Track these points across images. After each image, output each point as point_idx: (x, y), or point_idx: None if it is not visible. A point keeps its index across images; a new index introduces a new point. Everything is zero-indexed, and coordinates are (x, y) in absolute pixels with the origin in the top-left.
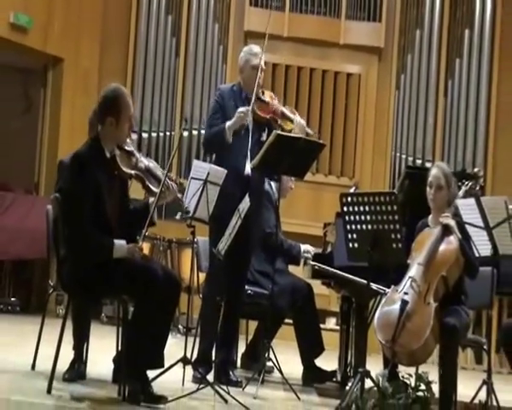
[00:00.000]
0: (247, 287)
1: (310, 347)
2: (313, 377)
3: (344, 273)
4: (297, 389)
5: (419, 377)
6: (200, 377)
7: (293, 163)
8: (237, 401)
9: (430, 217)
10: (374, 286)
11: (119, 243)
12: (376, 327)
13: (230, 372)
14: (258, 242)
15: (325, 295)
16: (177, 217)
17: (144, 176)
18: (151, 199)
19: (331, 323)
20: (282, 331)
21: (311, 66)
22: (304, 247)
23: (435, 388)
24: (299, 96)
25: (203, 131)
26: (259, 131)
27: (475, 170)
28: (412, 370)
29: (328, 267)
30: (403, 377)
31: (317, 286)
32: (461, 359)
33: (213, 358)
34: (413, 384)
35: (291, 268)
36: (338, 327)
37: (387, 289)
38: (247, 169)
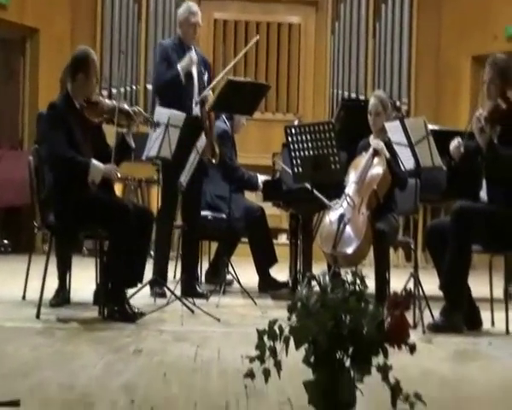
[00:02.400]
0: (207, 213)
1: (264, 258)
2: (268, 285)
3: (321, 196)
4: (254, 296)
5: (354, 274)
6: (161, 292)
7: (243, 103)
8: (202, 310)
9: (371, 137)
10: (321, 197)
11: (96, 162)
12: (319, 239)
13: (196, 286)
14: (222, 172)
15: (276, 215)
16: (143, 157)
17: (112, 115)
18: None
19: (283, 238)
20: (239, 250)
21: (256, 20)
22: (261, 177)
23: (370, 284)
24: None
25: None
26: (202, 75)
27: (397, 104)
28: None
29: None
30: (341, 275)
31: (269, 208)
32: (393, 258)
33: (175, 276)
34: (350, 280)
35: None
36: (288, 242)
37: (330, 202)
38: (195, 110)
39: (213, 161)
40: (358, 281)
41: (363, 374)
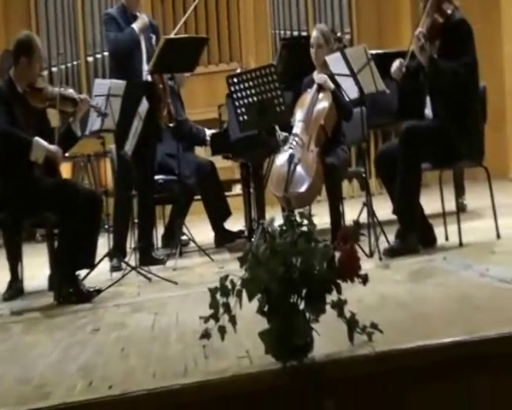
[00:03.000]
0: (158, 177)
1: (218, 213)
2: (223, 238)
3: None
4: (211, 252)
5: (301, 215)
6: (118, 265)
7: (183, 60)
8: (158, 276)
9: (315, 72)
10: (281, 134)
11: (40, 140)
12: (271, 184)
13: (152, 253)
14: (171, 130)
15: (228, 167)
16: (87, 132)
17: (57, 102)
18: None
19: (237, 189)
20: (194, 208)
21: None
22: (208, 131)
23: (322, 220)
24: (185, 2)
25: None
26: (150, 40)
27: (338, 34)
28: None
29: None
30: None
31: (220, 161)
32: (348, 189)
33: (131, 245)
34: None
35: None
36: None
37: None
38: (145, 76)
39: (171, 125)
40: (306, 221)
41: (318, 314)
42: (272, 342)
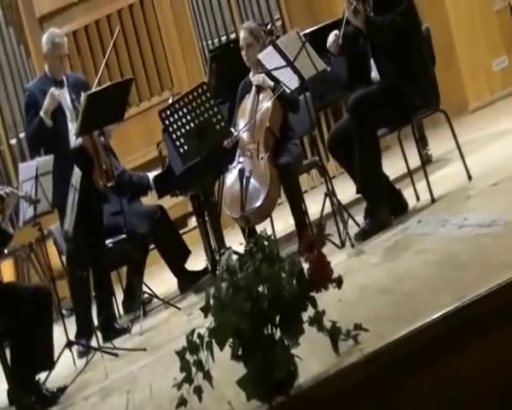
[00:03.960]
0: (107, 241)
1: (176, 257)
2: (188, 281)
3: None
4: (177, 301)
5: (258, 238)
6: (84, 350)
7: (110, 110)
8: (124, 349)
9: (250, 74)
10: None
11: None
12: (226, 207)
13: (115, 324)
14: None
15: (180, 203)
16: (20, 224)
17: None
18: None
19: (192, 222)
20: (151, 259)
21: (106, 14)
22: (151, 175)
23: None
24: (104, 46)
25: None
26: (76, 102)
27: (268, 27)
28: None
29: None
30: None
31: (169, 200)
32: (308, 181)
33: (95, 324)
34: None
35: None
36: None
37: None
38: (73, 142)
39: (110, 184)
40: (266, 242)
41: (297, 336)
42: (252, 385)
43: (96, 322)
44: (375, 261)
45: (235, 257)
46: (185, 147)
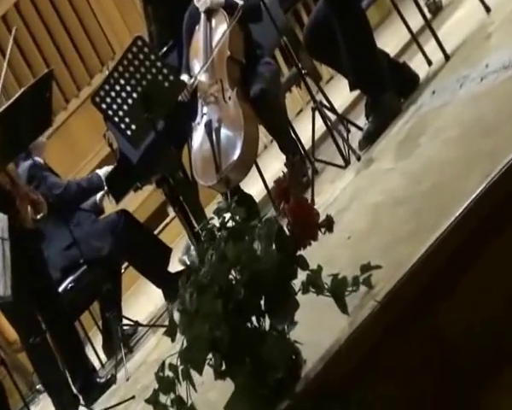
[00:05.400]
0: (64, 285)
1: (154, 264)
2: (173, 289)
3: None
4: (165, 318)
5: (217, 212)
6: None
7: (33, 122)
8: (110, 407)
9: (194, 0)
10: None
11: None
12: (199, 177)
13: (96, 380)
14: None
15: (152, 193)
16: None
17: None
18: None
19: (171, 212)
20: (126, 279)
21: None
22: (101, 171)
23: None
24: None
25: None
26: None
27: None
28: None
29: None
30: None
31: (133, 200)
32: (293, 101)
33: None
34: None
35: None
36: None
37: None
38: None
39: (40, 215)
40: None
41: (292, 315)
42: (246, 402)
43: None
44: (386, 167)
45: (193, 250)
46: (132, 126)
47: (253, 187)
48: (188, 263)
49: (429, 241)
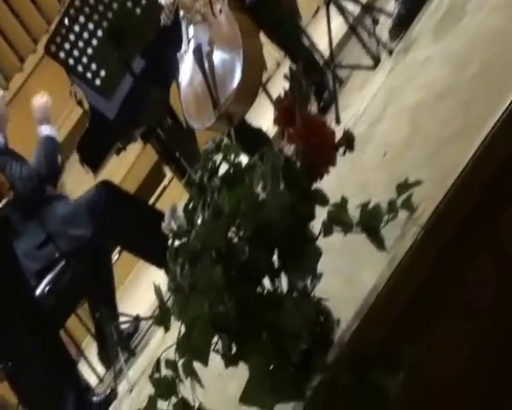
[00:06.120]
0: (41, 287)
1: (153, 245)
2: None
3: None
4: None
5: (205, 156)
6: None
7: None
8: None
9: None
10: None
11: None
12: (192, 119)
13: (93, 400)
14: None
15: (140, 153)
16: None
17: None
18: None
19: (167, 171)
20: (121, 268)
21: None
22: (49, 130)
23: None
24: None
25: None
26: None
27: None
28: None
29: None
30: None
31: (118, 167)
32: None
33: None
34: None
35: None
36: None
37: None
38: None
39: (3, 202)
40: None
41: (314, 265)
42: (267, 388)
43: None
44: (424, 56)
45: (179, 212)
46: (101, 73)
47: (264, 119)
48: (175, 229)
49: (479, 138)
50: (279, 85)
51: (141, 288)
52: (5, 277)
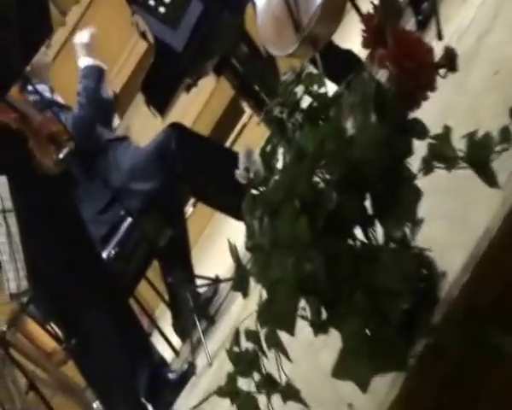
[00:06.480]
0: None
1: (232, 194)
2: None
3: None
4: None
5: (284, 88)
6: None
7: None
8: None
9: None
10: None
11: None
12: (271, 45)
13: (168, 377)
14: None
15: (213, 91)
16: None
17: None
18: None
19: (246, 107)
20: (196, 222)
21: None
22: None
23: None
24: None
25: None
26: None
27: None
28: None
29: None
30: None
31: (189, 107)
32: None
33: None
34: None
35: None
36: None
37: None
38: None
39: (64, 152)
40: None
41: (414, 208)
42: (363, 357)
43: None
44: None
45: (256, 157)
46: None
47: (353, 40)
48: (251, 176)
49: None
50: None
51: (219, 244)
52: (71, 240)
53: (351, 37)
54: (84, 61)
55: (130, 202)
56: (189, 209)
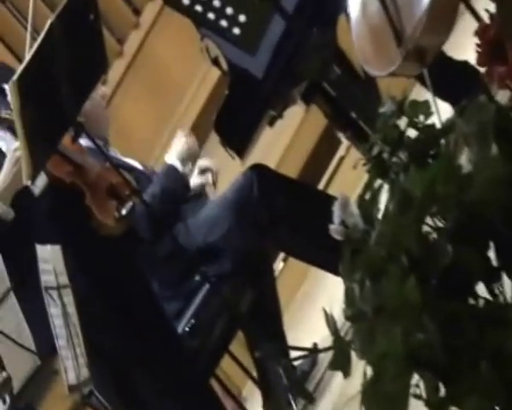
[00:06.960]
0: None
1: (328, 246)
2: None
3: None
4: None
5: (384, 122)
6: None
7: (77, 76)
8: None
9: None
10: None
11: None
12: (369, 63)
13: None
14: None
15: (301, 124)
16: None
17: None
18: None
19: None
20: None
21: None
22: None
23: None
24: None
25: None
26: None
27: None
28: None
29: None
30: None
31: (274, 143)
32: None
33: None
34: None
35: None
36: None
37: None
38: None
39: (127, 208)
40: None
41: None
42: None
43: None
44: None
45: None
46: (241, 17)
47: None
48: (348, 231)
49: None
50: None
51: (318, 304)
52: (139, 314)
53: (465, 44)
54: (172, 159)
55: (207, 266)
56: (278, 265)
